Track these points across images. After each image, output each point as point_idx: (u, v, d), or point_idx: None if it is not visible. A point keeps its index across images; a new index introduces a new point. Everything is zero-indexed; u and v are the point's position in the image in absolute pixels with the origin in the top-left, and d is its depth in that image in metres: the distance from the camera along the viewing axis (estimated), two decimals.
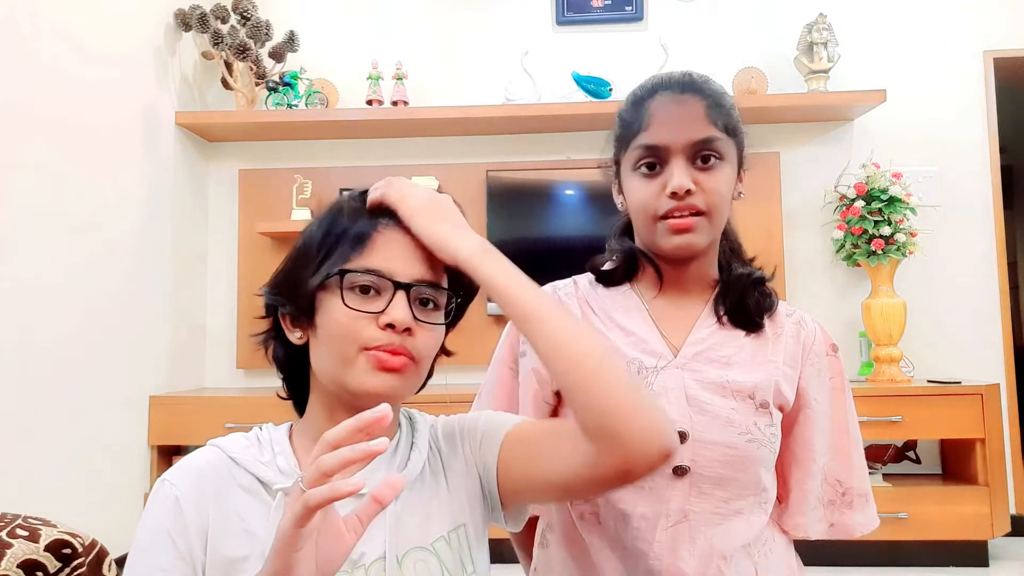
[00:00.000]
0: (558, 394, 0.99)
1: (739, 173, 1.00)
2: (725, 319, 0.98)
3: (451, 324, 0.81)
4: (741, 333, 0.97)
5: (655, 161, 0.93)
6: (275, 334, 0.80)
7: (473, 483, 0.81)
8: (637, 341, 0.96)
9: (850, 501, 0.99)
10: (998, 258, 2.97)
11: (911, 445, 2.90)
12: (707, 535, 0.91)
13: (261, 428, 0.80)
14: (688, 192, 0.90)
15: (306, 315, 0.75)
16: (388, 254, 0.74)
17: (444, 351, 0.83)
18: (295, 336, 0.77)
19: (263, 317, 0.81)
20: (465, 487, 0.81)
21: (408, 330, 0.72)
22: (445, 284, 0.78)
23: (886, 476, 2.73)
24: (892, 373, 2.74)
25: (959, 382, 2.60)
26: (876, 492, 1.03)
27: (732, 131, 0.96)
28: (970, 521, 2.51)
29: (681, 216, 0.91)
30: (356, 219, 0.75)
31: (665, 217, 0.92)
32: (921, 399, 2.55)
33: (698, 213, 0.91)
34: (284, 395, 0.84)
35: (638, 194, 0.95)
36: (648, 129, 0.93)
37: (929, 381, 2.70)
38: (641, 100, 0.97)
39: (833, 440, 1.00)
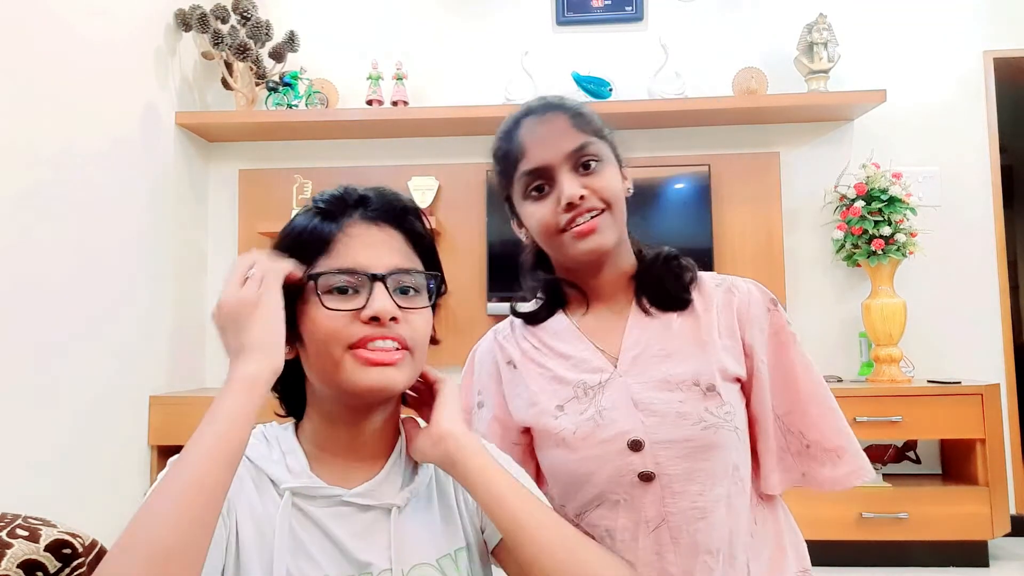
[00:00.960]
0: (526, 431, 1.01)
1: (621, 171, 1.00)
2: (652, 309, 0.99)
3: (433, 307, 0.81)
4: (673, 317, 0.98)
5: (542, 183, 0.95)
6: None
7: (474, 521, 0.82)
8: (577, 363, 0.98)
9: (815, 455, 0.98)
10: (998, 258, 2.97)
11: (911, 445, 2.91)
12: (690, 532, 0.91)
13: (266, 426, 0.80)
14: (581, 198, 0.93)
15: (289, 329, 0.73)
16: (357, 250, 0.74)
17: (432, 339, 0.82)
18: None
19: None
20: (469, 514, 0.82)
21: (394, 319, 0.72)
22: (420, 267, 0.78)
23: (886, 476, 2.73)
24: (892, 373, 2.74)
25: (959, 382, 2.60)
26: (876, 492, 1.02)
27: (601, 134, 0.98)
28: (970, 521, 2.51)
29: (583, 224, 0.93)
30: (318, 222, 0.75)
31: (566, 229, 0.94)
32: (921, 399, 2.55)
33: (599, 213, 0.94)
34: (282, 412, 0.83)
35: (535, 217, 0.96)
36: (525, 156, 0.96)
37: (929, 381, 2.70)
38: (509, 133, 0.99)
39: (786, 393, 0.99)
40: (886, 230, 2.72)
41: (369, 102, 3.06)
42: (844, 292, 3.02)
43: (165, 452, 2.73)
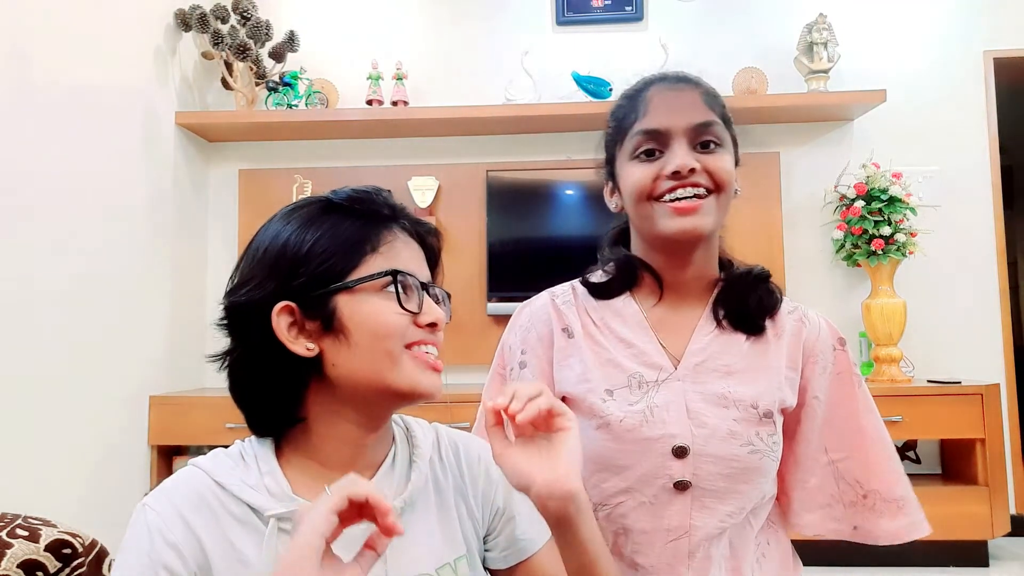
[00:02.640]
0: (562, 399, 0.97)
1: (735, 167, 0.96)
2: (725, 322, 0.94)
3: None
4: (742, 337, 0.94)
5: (655, 146, 0.90)
6: (248, 354, 0.72)
7: (477, 531, 0.80)
8: (637, 353, 0.94)
9: (873, 505, 0.94)
10: (998, 258, 2.97)
11: (911, 445, 2.91)
12: (706, 548, 0.90)
13: (245, 442, 0.74)
14: (692, 171, 0.88)
15: (317, 321, 0.70)
16: (406, 253, 0.74)
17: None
18: (302, 347, 0.69)
19: (234, 334, 0.74)
20: (471, 522, 0.79)
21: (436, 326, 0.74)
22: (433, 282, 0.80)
23: None
24: (892, 373, 2.74)
25: (959, 382, 2.60)
26: None
27: (728, 122, 0.95)
28: (970, 521, 2.51)
29: (686, 200, 0.88)
30: (370, 218, 0.74)
31: (662, 199, 0.89)
32: (921, 399, 2.55)
33: (704, 194, 0.89)
34: (256, 429, 0.74)
35: (634, 177, 0.91)
36: (646, 115, 0.91)
37: (929, 381, 2.70)
38: (636, 93, 0.95)
39: (844, 437, 0.95)
40: (886, 230, 2.72)
41: (369, 102, 3.06)
42: (844, 292, 3.02)
43: (165, 452, 2.73)
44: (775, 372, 0.93)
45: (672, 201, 0.88)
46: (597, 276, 1.02)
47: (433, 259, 0.80)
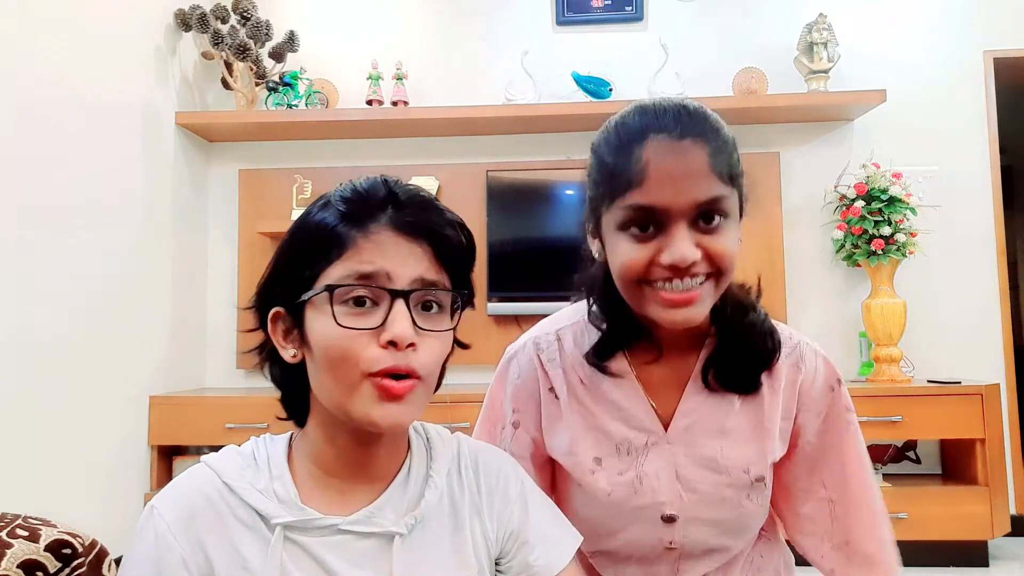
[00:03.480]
0: (551, 460, 0.95)
1: (740, 222, 0.85)
2: (713, 383, 0.87)
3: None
4: (735, 396, 0.88)
5: (650, 224, 0.77)
6: (269, 349, 0.72)
7: (491, 551, 0.75)
8: (627, 417, 0.88)
9: (851, 556, 0.92)
10: (998, 258, 2.97)
11: (911, 445, 2.91)
12: None
13: (259, 440, 0.73)
14: (692, 264, 0.75)
15: (297, 329, 0.68)
16: (379, 255, 0.65)
17: (459, 344, 0.77)
18: (288, 354, 0.69)
19: (254, 329, 0.73)
20: (485, 541, 0.75)
21: (411, 344, 0.65)
22: (448, 284, 0.70)
23: (886, 476, 2.73)
24: (892, 373, 2.74)
25: (959, 382, 2.60)
26: None
27: (735, 180, 0.80)
28: (970, 521, 2.51)
29: (681, 290, 0.76)
30: (337, 221, 0.67)
31: (654, 284, 0.77)
32: (921, 399, 2.55)
33: (703, 280, 0.77)
34: (283, 416, 0.75)
35: (624, 256, 0.78)
36: (642, 187, 0.75)
37: (929, 381, 2.70)
38: (629, 145, 0.77)
39: (836, 481, 0.91)
40: (886, 230, 2.72)
41: (369, 102, 3.06)
42: (844, 292, 3.02)
43: (165, 452, 2.73)
44: (768, 434, 0.88)
45: (666, 290, 0.77)
46: (579, 325, 0.92)
47: (450, 254, 0.70)
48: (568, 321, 0.94)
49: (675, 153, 0.75)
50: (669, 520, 0.88)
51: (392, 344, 0.64)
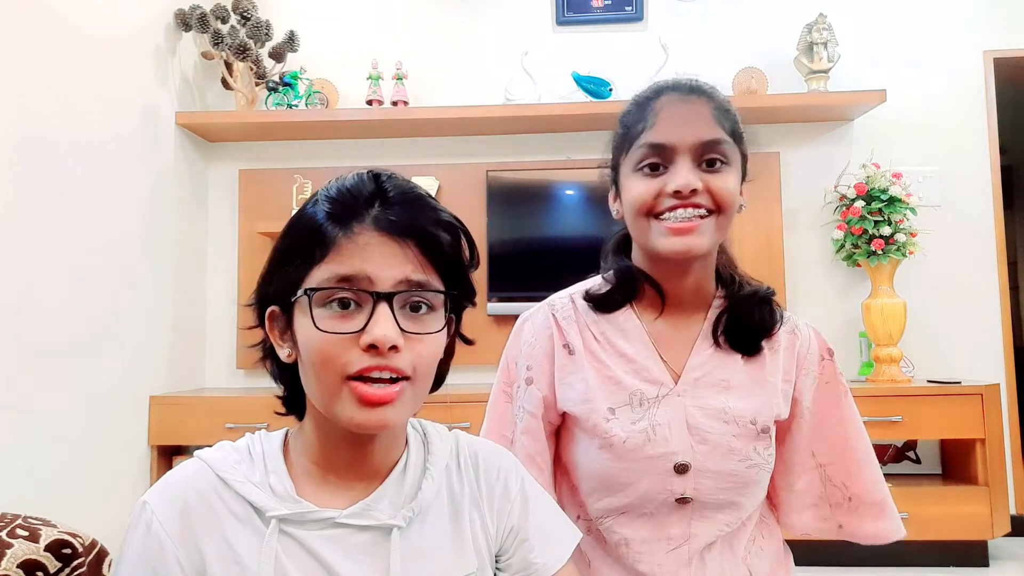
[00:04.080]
0: (562, 414, 0.98)
1: (742, 183, 0.95)
2: (723, 341, 0.95)
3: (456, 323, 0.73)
4: (739, 355, 0.95)
5: (659, 161, 0.88)
6: (269, 346, 0.72)
7: (490, 547, 0.75)
8: (638, 369, 0.94)
9: (856, 507, 0.98)
10: (998, 258, 2.97)
11: (911, 445, 2.91)
12: (701, 553, 0.93)
13: (254, 436, 0.73)
14: (693, 192, 0.86)
15: (290, 329, 0.68)
16: (361, 257, 0.64)
17: (464, 339, 0.77)
18: (284, 353, 0.69)
19: (254, 327, 0.73)
20: (485, 536, 0.74)
21: (395, 347, 0.63)
22: (438, 284, 0.68)
23: (886, 476, 2.73)
24: (892, 373, 2.74)
25: (959, 382, 2.60)
26: None
27: (738, 138, 0.92)
28: (970, 521, 2.51)
29: (683, 219, 0.87)
30: (323, 221, 0.66)
31: (661, 216, 0.88)
32: (921, 399, 2.55)
33: (704, 214, 0.87)
34: (282, 411, 0.76)
35: (635, 191, 0.89)
36: (653, 128, 0.89)
37: (929, 381, 2.70)
38: (646, 100, 0.92)
39: (831, 444, 0.99)
40: (886, 230, 2.72)
41: (369, 102, 3.06)
42: (844, 292, 3.02)
43: (165, 452, 2.73)
44: (772, 387, 0.95)
45: (670, 220, 0.87)
46: (596, 285, 1.00)
47: (439, 254, 0.68)
48: (580, 289, 1.02)
49: (683, 102, 0.89)
50: (681, 470, 0.90)
51: (373, 347, 0.62)
